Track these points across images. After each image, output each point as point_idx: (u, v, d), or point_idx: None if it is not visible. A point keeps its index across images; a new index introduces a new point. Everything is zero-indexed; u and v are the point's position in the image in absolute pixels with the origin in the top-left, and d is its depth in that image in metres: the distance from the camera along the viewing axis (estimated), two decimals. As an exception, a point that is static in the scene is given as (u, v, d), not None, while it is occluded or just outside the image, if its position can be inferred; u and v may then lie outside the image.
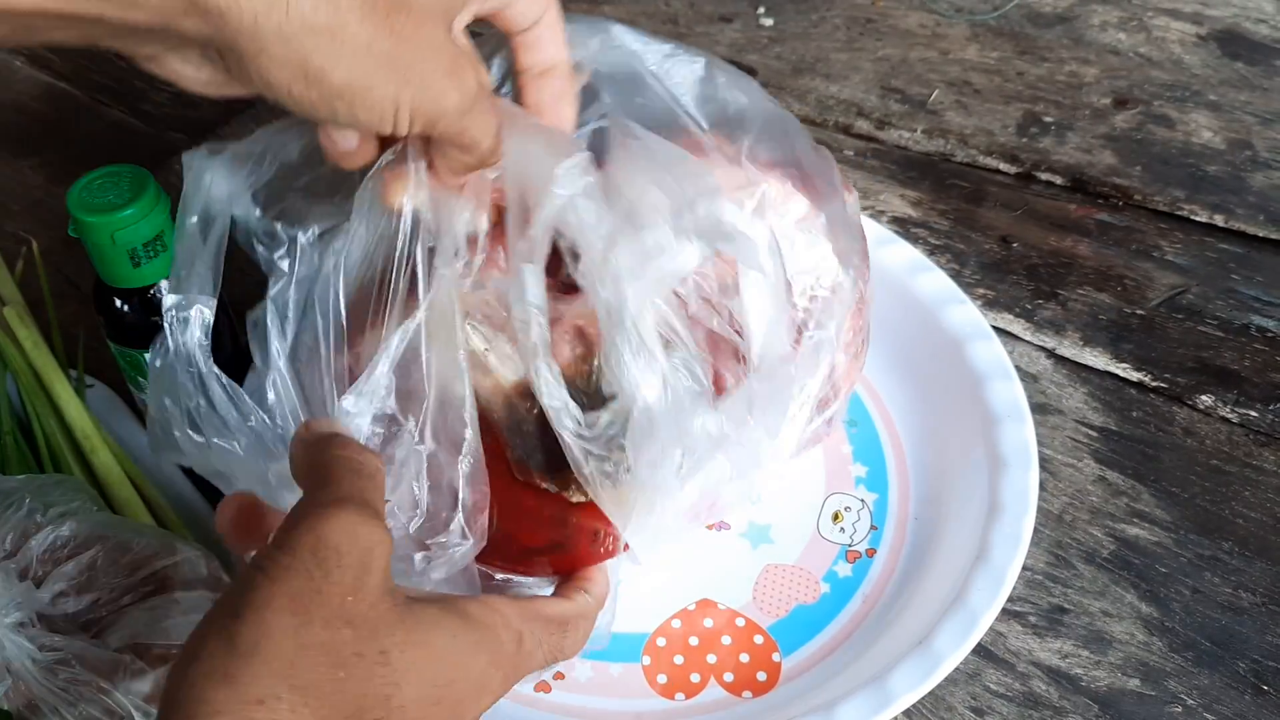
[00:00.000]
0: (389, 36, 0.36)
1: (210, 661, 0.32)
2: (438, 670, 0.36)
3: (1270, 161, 0.79)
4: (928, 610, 0.55)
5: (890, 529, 0.61)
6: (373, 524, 0.35)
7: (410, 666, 0.35)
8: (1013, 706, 0.55)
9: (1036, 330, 0.71)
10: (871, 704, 0.50)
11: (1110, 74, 0.86)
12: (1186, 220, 0.76)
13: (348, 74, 0.36)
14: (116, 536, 0.53)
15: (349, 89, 0.36)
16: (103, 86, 0.95)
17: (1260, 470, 0.63)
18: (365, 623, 0.34)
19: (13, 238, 0.79)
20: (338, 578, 0.33)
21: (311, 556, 0.33)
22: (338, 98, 0.36)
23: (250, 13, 0.33)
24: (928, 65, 0.89)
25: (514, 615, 0.40)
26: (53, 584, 0.51)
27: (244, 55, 0.35)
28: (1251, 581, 0.59)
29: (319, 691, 0.32)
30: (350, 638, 0.33)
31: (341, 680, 0.33)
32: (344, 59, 0.35)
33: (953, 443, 0.63)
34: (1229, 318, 0.70)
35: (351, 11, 0.35)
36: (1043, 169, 0.81)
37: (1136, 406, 0.67)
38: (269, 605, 0.32)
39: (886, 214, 0.78)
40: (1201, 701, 0.55)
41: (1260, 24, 0.89)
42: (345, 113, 0.37)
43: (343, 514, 0.34)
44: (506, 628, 0.40)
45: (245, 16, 0.33)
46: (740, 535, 0.61)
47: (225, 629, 0.32)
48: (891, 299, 0.68)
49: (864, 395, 0.67)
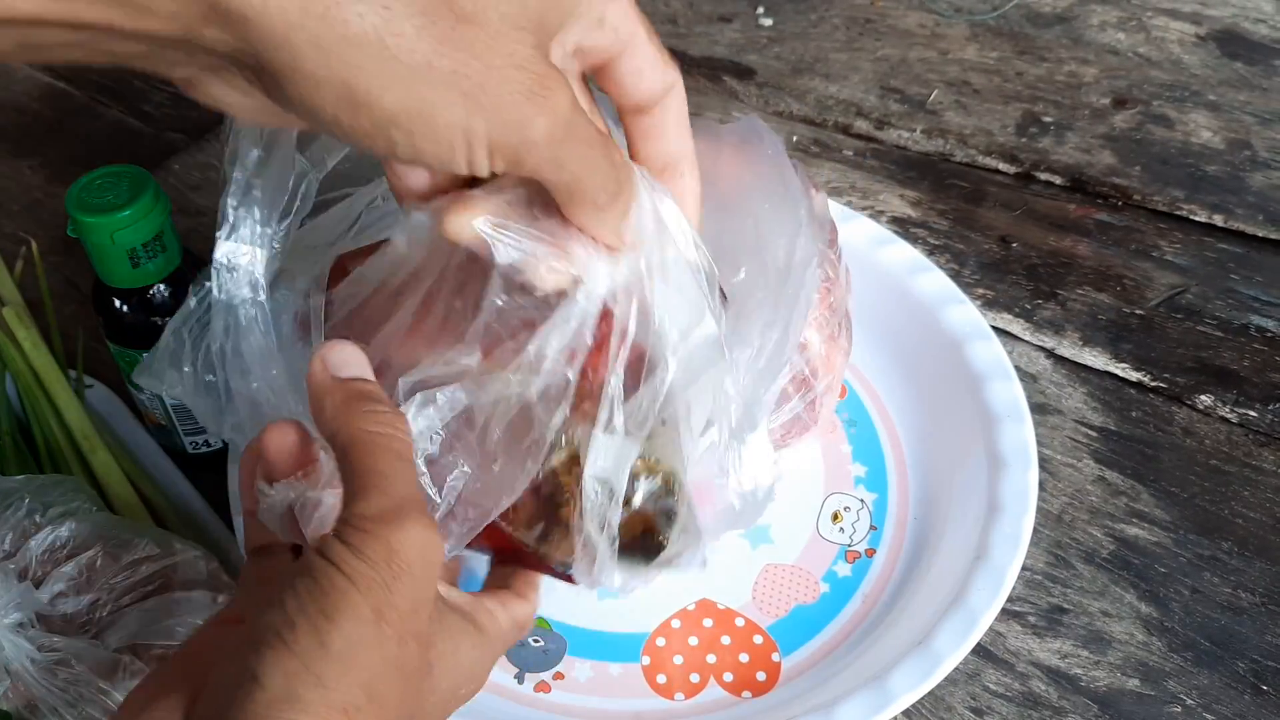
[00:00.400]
0: (455, 52, 0.30)
1: (302, 659, 0.31)
2: (457, 677, 0.38)
3: (1269, 161, 0.79)
4: (927, 610, 0.55)
5: (890, 529, 0.61)
6: (431, 533, 0.34)
7: (443, 676, 0.36)
8: (1012, 706, 0.55)
9: (1036, 330, 0.71)
10: (871, 704, 0.50)
11: (1109, 74, 0.86)
12: (1186, 220, 0.76)
13: (404, 97, 0.30)
14: (116, 537, 0.53)
15: (406, 115, 0.30)
16: (102, 87, 0.95)
17: (1260, 470, 0.63)
18: (423, 637, 0.34)
19: (12, 238, 0.79)
20: (408, 592, 0.33)
21: (386, 568, 0.32)
22: (393, 126, 0.30)
23: (280, 18, 0.28)
24: (927, 65, 0.89)
25: (508, 627, 0.42)
26: (52, 584, 0.51)
27: (279, 74, 0.29)
28: (1251, 581, 0.59)
29: (387, 703, 0.32)
30: (415, 652, 0.33)
31: (402, 693, 0.33)
32: (398, 78, 0.29)
33: (952, 443, 0.63)
34: (1228, 317, 0.70)
35: (409, 20, 0.29)
36: (1042, 169, 0.81)
37: (1136, 406, 0.67)
38: (357, 614, 0.32)
39: (886, 214, 0.78)
40: (1201, 701, 0.55)
41: (1259, 24, 0.89)
42: (405, 145, 0.31)
43: (411, 526, 0.33)
44: (501, 638, 0.41)
45: (275, 24, 0.28)
46: (739, 535, 0.61)
47: (318, 629, 0.31)
48: (891, 299, 0.68)
49: (863, 395, 0.67)
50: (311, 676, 0.31)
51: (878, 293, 0.68)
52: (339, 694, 0.31)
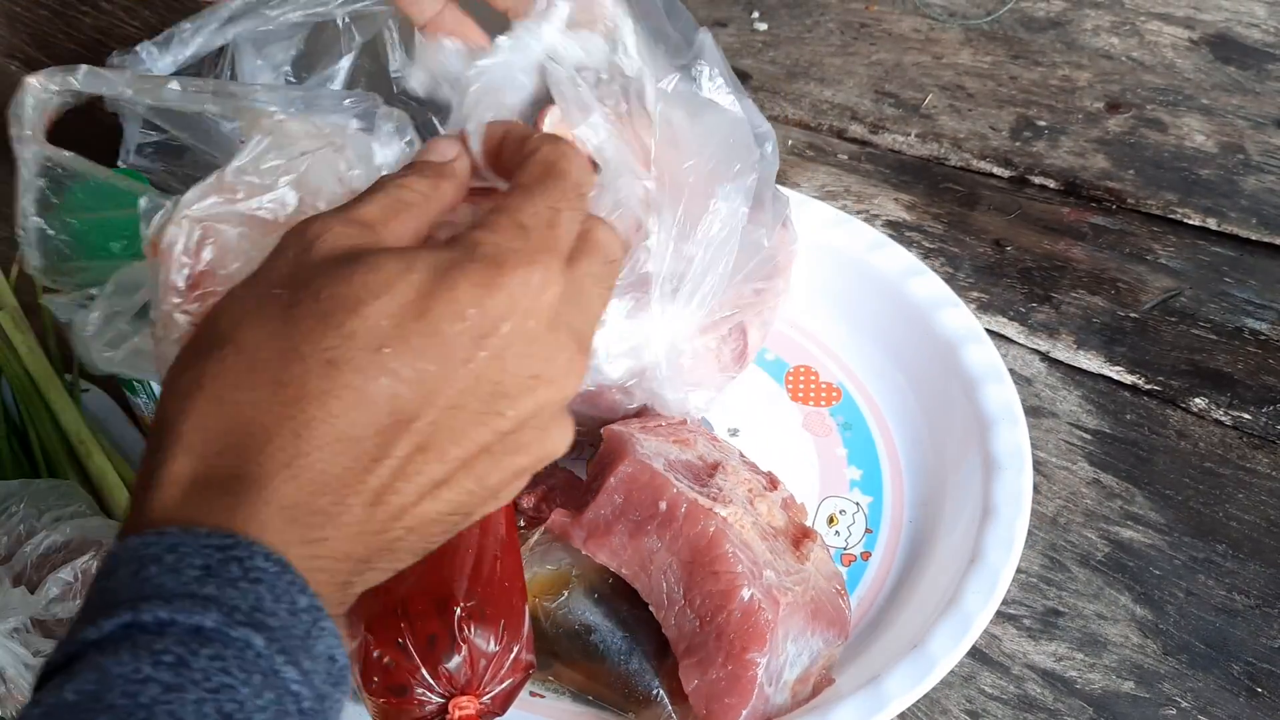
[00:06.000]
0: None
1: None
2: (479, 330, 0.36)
3: (1262, 165, 0.79)
4: (922, 613, 0.55)
5: (885, 532, 0.61)
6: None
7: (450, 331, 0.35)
8: (1007, 709, 0.55)
9: (1030, 333, 0.71)
10: (866, 706, 0.50)
11: (1103, 78, 0.87)
12: (1179, 224, 0.77)
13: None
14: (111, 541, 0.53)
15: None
16: (97, 91, 0.94)
17: (1254, 473, 0.63)
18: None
19: (8, 242, 0.79)
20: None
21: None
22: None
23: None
24: (921, 70, 0.89)
25: (522, 227, 0.35)
26: (48, 589, 0.51)
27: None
28: (1245, 584, 0.59)
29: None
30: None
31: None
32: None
33: (947, 446, 0.63)
34: (1222, 320, 0.71)
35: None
36: (1036, 173, 0.81)
37: (1130, 409, 0.67)
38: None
39: (880, 218, 0.78)
40: (1195, 704, 0.55)
41: (1252, 28, 0.89)
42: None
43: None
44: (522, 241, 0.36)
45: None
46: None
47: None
48: (885, 303, 0.68)
49: (858, 399, 0.67)
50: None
51: (872, 296, 0.68)
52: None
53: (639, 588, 0.52)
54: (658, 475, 0.53)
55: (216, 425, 0.31)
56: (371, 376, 0.31)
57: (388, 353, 0.32)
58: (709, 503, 0.52)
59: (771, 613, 0.50)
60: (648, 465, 0.53)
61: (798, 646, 0.52)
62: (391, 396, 0.32)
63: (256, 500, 0.30)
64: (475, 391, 0.33)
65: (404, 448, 0.32)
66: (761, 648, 0.50)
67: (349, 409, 0.31)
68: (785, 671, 0.52)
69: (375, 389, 0.31)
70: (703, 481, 0.55)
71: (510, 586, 0.50)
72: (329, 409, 0.31)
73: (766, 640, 0.50)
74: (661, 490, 0.53)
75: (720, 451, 0.59)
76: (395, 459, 0.32)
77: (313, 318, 0.32)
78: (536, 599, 0.53)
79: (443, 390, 0.32)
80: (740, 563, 0.51)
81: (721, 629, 0.50)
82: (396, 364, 0.32)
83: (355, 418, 0.31)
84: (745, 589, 0.50)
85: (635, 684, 0.53)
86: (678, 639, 0.51)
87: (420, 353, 0.32)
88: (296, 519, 0.31)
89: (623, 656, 0.53)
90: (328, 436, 0.31)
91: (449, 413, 0.32)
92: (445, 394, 0.32)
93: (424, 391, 0.32)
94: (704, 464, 0.56)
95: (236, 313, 0.33)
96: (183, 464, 0.31)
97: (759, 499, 0.56)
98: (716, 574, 0.51)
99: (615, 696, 0.53)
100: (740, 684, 0.50)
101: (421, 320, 0.32)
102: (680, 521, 0.52)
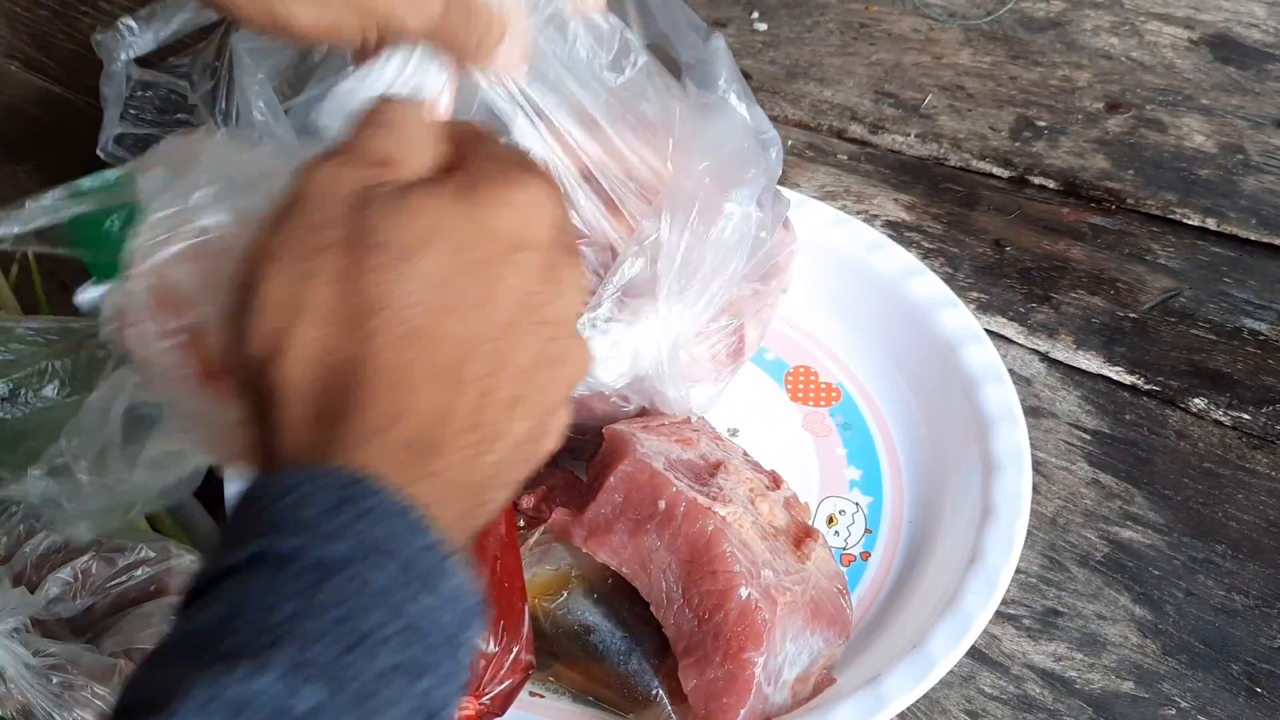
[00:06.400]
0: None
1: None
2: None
3: (1262, 165, 0.79)
4: (922, 613, 0.55)
5: (884, 532, 0.61)
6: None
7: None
8: (1007, 709, 0.55)
9: (1030, 334, 0.71)
10: (866, 706, 0.50)
11: (1102, 78, 0.87)
12: (1179, 224, 0.77)
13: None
14: (111, 542, 0.53)
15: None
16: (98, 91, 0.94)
17: (1253, 473, 0.63)
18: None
19: (7, 243, 0.79)
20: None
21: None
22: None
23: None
24: (921, 70, 0.89)
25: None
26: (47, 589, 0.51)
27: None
28: (1245, 584, 0.59)
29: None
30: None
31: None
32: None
33: (947, 446, 0.63)
34: (1221, 321, 0.71)
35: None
36: (1035, 173, 0.81)
37: (1129, 409, 0.67)
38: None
39: (880, 218, 0.78)
40: (1195, 704, 0.55)
41: (1252, 28, 0.89)
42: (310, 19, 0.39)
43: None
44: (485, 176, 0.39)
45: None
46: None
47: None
48: (885, 303, 0.68)
49: (858, 399, 0.67)
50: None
51: (872, 296, 0.68)
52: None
53: (639, 586, 0.52)
54: (657, 474, 0.53)
55: (322, 379, 0.33)
56: (445, 311, 0.34)
57: (452, 286, 0.34)
58: (708, 502, 0.53)
59: (769, 612, 0.50)
60: (647, 464, 0.53)
61: (797, 646, 0.52)
62: (463, 324, 0.34)
63: (373, 440, 0.32)
64: (521, 303, 0.35)
65: (481, 368, 0.34)
66: (758, 647, 0.50)
67: (436, 344, 0.33)
68: (784, 671, 0.52)
69: (450, 321, 0.34)
70: (703, 481, 0.55)
71: (510, 586, 0.50)
72: (420, 345, 0.33)
73: (763, 640, 0.50)
74: (661, 489, 0.53)
75: (723, 451, 0.59)
76: (478, 381, 0.34)
77: (380, 270, 0.34)
78: (536, 599, 0.53)
79: (499, 308, 0.35)
80: (738, 562, 0.51)
81: (719, 628, 0.50)
82: (461, 296, 0.34)
83: (442, 350, 0.34)
84: (742, 588, 0.50)
85: (635, 684, 0.53)
86: (677, 638, 0.51)
87: (478, 281, 0.34)
88: (411, 455, 0.33)
89: (622, 657, 0.53)
90: (423, 372, 0.33)
91: (506, 329, 0.35)
92: (501, 312, 0.35)
93: (486, 314, 0.35)
94: (705, 463, 0.56)
95: (291, 281, 0.34)
96: (299, 412, 0.33)
97: (760, 498, 0.56)
98: (714, 573, 0.51)
99: (615, 697, 0.53)
100: (738, 683, 0.50)
101: (470, 251, 0.35)
102: (679, 520, 0.52)
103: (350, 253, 0.34)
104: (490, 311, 0.35)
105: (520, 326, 0.35)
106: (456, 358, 0.34)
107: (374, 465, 0.32)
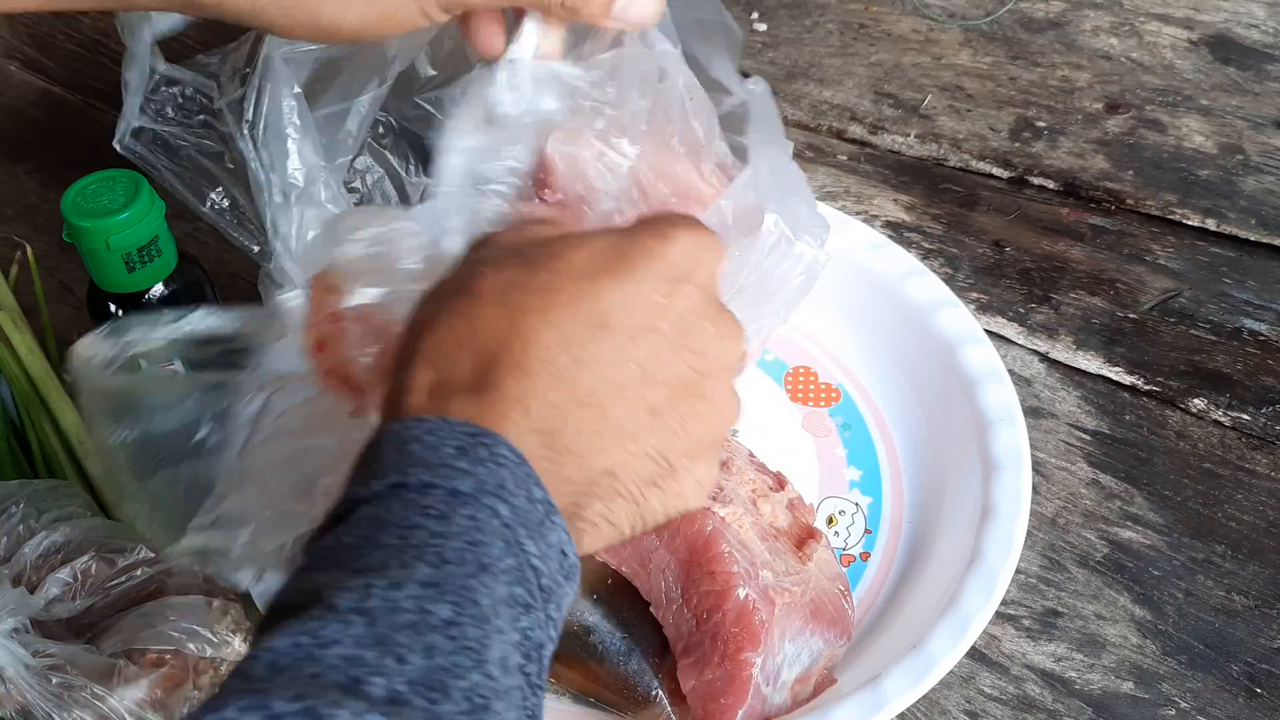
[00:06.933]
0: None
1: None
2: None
3: (1261, 166, 0.79)
4: (921, 613, 0.55)
5: (884, 532, 0.61)
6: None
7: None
8: (1007, 710, 0.55)
9: (1029, 334, 0.71)
10: (865, 707, 0.50)
11: (1102, 79, 0.87)
12: (1178, 224, 0.77)
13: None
14: (110, 542, 0.53)
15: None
16: (97, 91, 0.95)
17: (1253, 473, 0.63)
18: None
19: (7, 242, 0.79)
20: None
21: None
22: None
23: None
24: (920, 70, 0.89)
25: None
26: (46, 589, 0.51)
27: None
28: (1244, 584, 0.59)
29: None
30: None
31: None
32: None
33: (946, 446, 0.63)
34: (1221, 321, 0.71)
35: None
36: (1035, 173, 0.81)
37: (1129, 410, 0.67)
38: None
39: (880, 219, 0.78)
40: (1195, 704, 0.55)
41: (1251, 29, 0.89)
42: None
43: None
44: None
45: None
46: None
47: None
48: (884, 303, 0.68)
49: (857, 399, 0.67)
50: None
51: (871, 297, 0.68)
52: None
53: (639, 586, 0.52)
54: None
55: (457, 343, 0.36)
56: (577, 294, 0.36)
57: (590, 280, 0.37)
58: (708, 502, 0.53)
59: (767, 613, 0.50)
60: None
61: (796, 647, 0.52)
62: (592, 307, 0.36)
63: (494, 399, 0.35)
64: (668, 319, 0.37)
65: (608, 351, 0.36)
66: (756, 648, 0.50)
67: (564, 319, 0.36)
68: (783, 671, 0.52)
69: (582, 303, 0.36)
70: None
71: None
72: (548, 318, 0.36)
73: (761, 640, 0.50)
74: None
75: (727, 450, 0.59)
76: (624, 390, 0.36)
77: (526, 263, 0.37)
78: None
79: (637, 307, 0.37)
80: (736, 563, 0.51)
81: (717, 629, 0.50)
82: (597, 285, 0.36)
83: (569, 326, 0.36)
84: (741, 589, 0.50)
85: (634, 685, 0.53)
86: (676, 638, 0.51)
87: (616, 281, 0.37)
88: (537, 437, 0.35)
89: (622, 657, 0.53)
90: (546, 342, 0.35)
91: (645, 333, 0.37)
92: (640, 311, 0.37)
93: (622, 307, 0.36)
94: None
95: (461, 280, 0.38)
96: (428, 374, 0.36)
97: (762, 499, 0.56)
98: (713, 574, 0.51)
99: (614, 697, 0.53)
100: (735, 684, 0.50)
101: (618, 259, 0.37)
102: (679, 520, 0.52)
103: (505, 261, 0.37)
104: (626, 307, 0.36)
105: (663, 338, 0.37)
106: (582, 332, 0.36)
107: (492, 422, 0.35)
